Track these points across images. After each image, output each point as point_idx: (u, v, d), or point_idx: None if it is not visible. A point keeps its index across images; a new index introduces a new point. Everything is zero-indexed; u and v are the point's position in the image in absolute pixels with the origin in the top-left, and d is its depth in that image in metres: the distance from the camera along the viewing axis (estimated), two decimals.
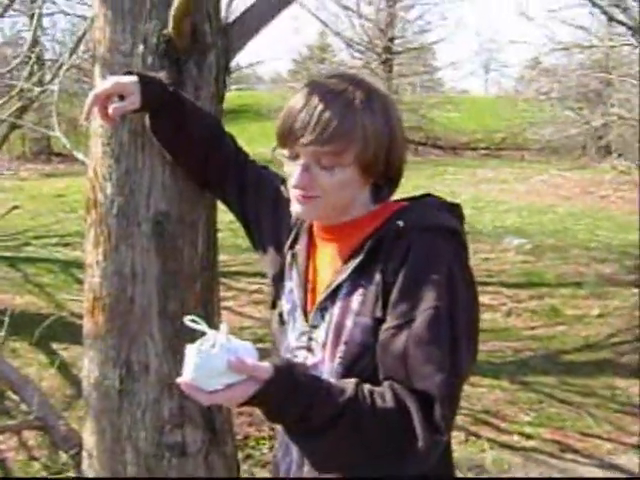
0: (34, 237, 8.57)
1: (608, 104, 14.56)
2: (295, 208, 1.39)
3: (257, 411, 1.24)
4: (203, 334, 1.17)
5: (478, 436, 3.83)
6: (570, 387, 4.49)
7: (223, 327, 1.17)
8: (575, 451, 3.71)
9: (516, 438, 3.84)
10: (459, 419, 3.97)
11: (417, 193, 1.46)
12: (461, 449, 3.68)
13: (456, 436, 3.79)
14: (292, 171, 1.35)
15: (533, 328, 5.61)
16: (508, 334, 5.47)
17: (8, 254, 7.62)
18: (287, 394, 1.18)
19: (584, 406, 4.19)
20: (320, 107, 1.30)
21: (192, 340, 1.18)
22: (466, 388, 4.30)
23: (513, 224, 9.63)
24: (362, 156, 1.32)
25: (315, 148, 1.30)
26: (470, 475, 3.47)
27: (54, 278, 6.72)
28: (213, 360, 1.14)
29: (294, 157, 1.35)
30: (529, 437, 3.85)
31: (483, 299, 6.16)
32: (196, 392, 1.16)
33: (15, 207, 5.58)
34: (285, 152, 1.37)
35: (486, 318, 5.76)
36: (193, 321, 1.17)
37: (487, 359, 4.90)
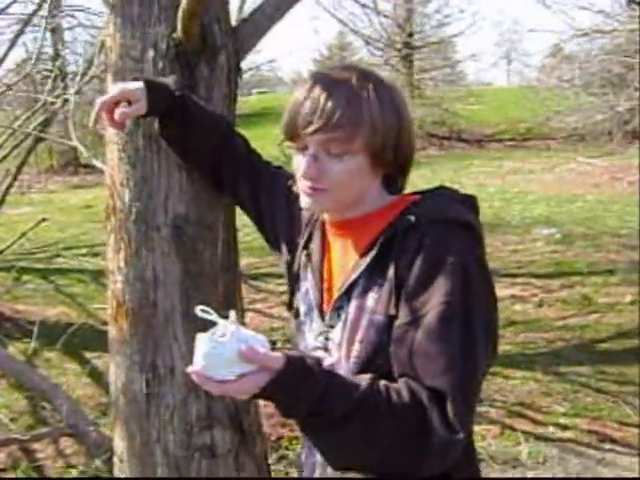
0: (64, 249, 8.68)
1: (632, 88, 14.32)
2: (304, 201, 1.37)
3: None
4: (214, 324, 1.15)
5: (513, 429, 3.79)
6: (605, 376, 4.42)
7: (232, 315, 1.15)
8: (613, 441, 3.65)
9: (552, 430, 3.79)
10: (493, 412, 3.94)
11: (441, 184, 1.44)
12: (496, 442, 3.65)
13: (491, 429, 3.77)
14: (300, 162, 1.34)
15: (565, 318, 5.53)
16: (540, 325, 5.41)
17: (39, 266, 7.73)
18: (299, 385, 1.15)
19: (621, 395, 4.12)
20: (325, 95, 1.29)
21: None
22: (499, 381, 4.27)
23: (542, 214, 9.53)
24: (371, 143, 1.30)
25: (323, 135, 1.29)
26: (506, 468, 3.43)
27: (85, 288, 6.80)
28: (224, 349, 1.12)
29: (303, 148, 1.34)
30: (565, 428, 3.80)
31: (513, 290, 6.12)
32: (206, 381, 1.14)
33: (43, 219, 5.66)
34: (293, 144, 1.36)
35: (517, 309, 5.71)
36: (204, 311, 1.16)
37: (520, 351, 4.85)
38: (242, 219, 2.03)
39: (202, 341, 1.14)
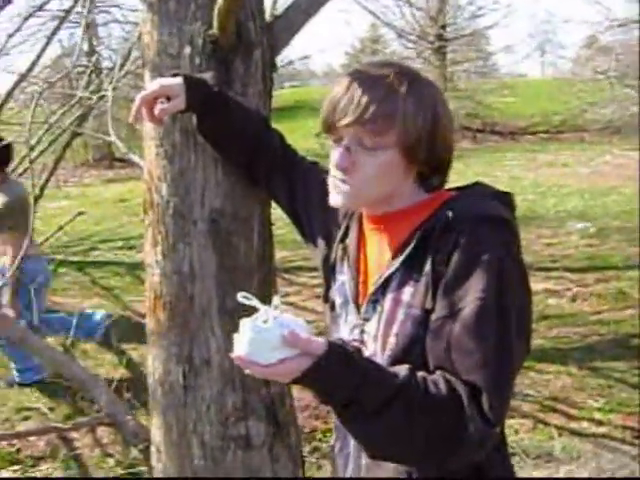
0: (100, 241, 8.80)
1: None
2: (332, 199, 1.39)
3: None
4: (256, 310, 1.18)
5: (546, 423, 3.77)
6: None
7: (276, 300, 1.18)
8: None
9: (585, 425, 3.76)
10: (527, 406, 3.92)
11: (477, 180, 1.45)
12: (529, 437, 3.64)
13: (524, 424, 3.75)
14: (334, 154, 1.36)
15: (600, 312, 5.47)
16: (574, 319, 5.36)
17: (76, 259, 7.85)
18: (340, 371, 1.18)
19: None
20: (362, 90, 1.31)
21: None
22: (533, 375, 4.23)
23: (576, 207, 9.42)
24: (404, 138, 1.31)
25: (357, 128, 1.31)
26: (539, 463, 3.42)
27: (120, 281, 6.88)
28: (267, 334, 1.15)
29: (338, 140, 1.36)
30: (599, 423, 3.77)
31: (547, 284, 6.06)
32: (251, 365, 1.17)
33: (80, 213, 5.71)
34: (330, 136, 1.38)
35: (551, 304, 5.66)
36: (245, 297, 1.19)
37: (554, 345, 4.82)
38: (275, 213, 2.06)
39: (245, 327, 1.17)
